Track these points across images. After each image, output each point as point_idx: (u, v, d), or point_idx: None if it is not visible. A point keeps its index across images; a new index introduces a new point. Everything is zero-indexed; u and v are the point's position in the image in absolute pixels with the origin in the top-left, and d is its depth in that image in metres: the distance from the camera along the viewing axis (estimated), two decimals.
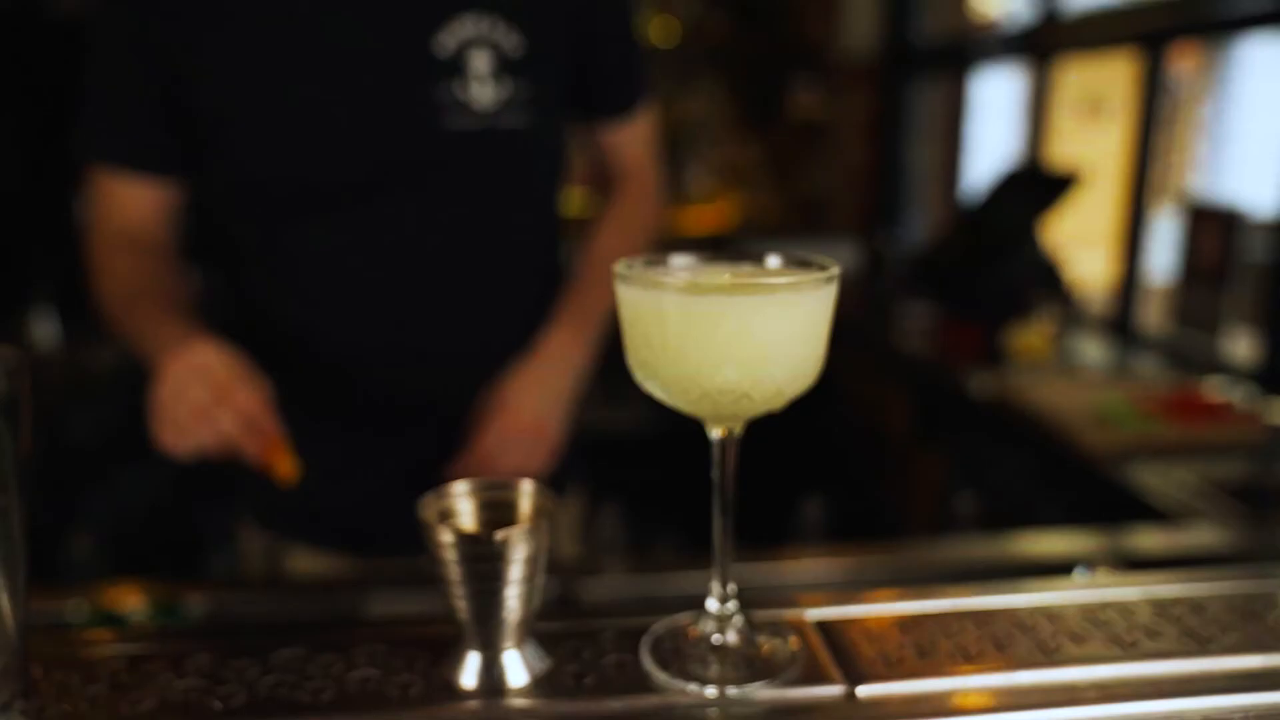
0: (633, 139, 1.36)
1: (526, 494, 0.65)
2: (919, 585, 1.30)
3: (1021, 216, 2.85)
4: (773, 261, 0.64)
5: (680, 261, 0.64)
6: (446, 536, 0.58)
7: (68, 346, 2.82)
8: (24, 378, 0.57)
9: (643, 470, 2.74)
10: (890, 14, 4.31)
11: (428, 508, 0.62)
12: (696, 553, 1.31)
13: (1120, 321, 2.94)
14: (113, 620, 1.21)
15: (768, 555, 1.34)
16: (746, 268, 0.65)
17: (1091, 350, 2.80)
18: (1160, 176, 2.99)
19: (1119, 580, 0.77)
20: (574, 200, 3.08)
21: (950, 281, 3.00)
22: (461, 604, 0.60)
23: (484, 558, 0.59)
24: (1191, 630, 0.68)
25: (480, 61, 1.13)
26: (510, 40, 1.14)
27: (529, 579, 0.61)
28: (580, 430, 1.37)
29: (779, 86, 4.53)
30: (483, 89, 1.13)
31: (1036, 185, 2.93)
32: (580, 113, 1.31)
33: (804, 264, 0.63)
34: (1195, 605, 0.71)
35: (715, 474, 0.63)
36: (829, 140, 4.51)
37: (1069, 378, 2.48)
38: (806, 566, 1.35)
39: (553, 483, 1.22)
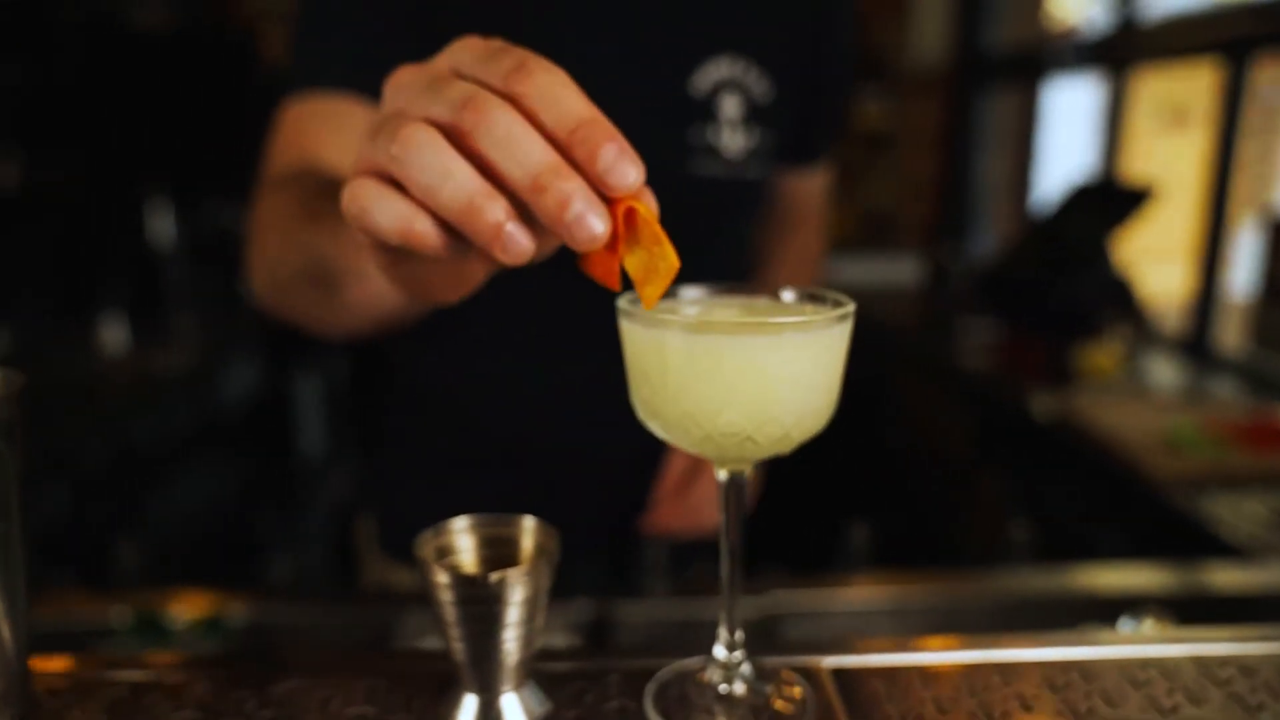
0: (813, 187, 1.32)
1: (529, 531, 0.63)
2: (963, 617, 1.26)
3: (1093, 231, 2.77)
4: (787, 296, 0.61)
5: (691, 295, 0.62)
6: (441, 577, 0.57)
7: (136, 352, 2.89)
8: (22, 401, 0.56)
9: None
10: (962, 22, 4.22)
11: (425, 545, 0.60)
12: (747, 576, 1.28)
13: (1195, 341, 2.82)
14: (155, 628, 1.22)
15: (811, 581, 1.30)
16: (762, 302, 0.63)
17: (1163, 371, 2.69)
18: (1246, 189, 2.87)
19: (1164, 636, 0.72)
20: None
21: (1017, 297, 2.92)
22: (458, 645, 0.59)
23: (480, 600, 0.57)
24: (1239, 696, 0.63)
25: (731, 106, 1.07)
26: (760, 86, 1.08)
27: (528, 620, 0.59)
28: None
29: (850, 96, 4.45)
30: (733, 136, 1.07)
31: (1109, 199, 2.84)
32: (778, 157, 1.24)
33: (819, 299, 0.60)
34: (1246, 668, 0.66)
35: (722, 516, 0.60)
36: (895, 151, 4.43)
37: (1138, 400, 2.38)
38: (850, 594, 1.30)
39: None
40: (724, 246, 1.19)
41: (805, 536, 2.54)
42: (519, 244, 0.47)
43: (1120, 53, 3.32)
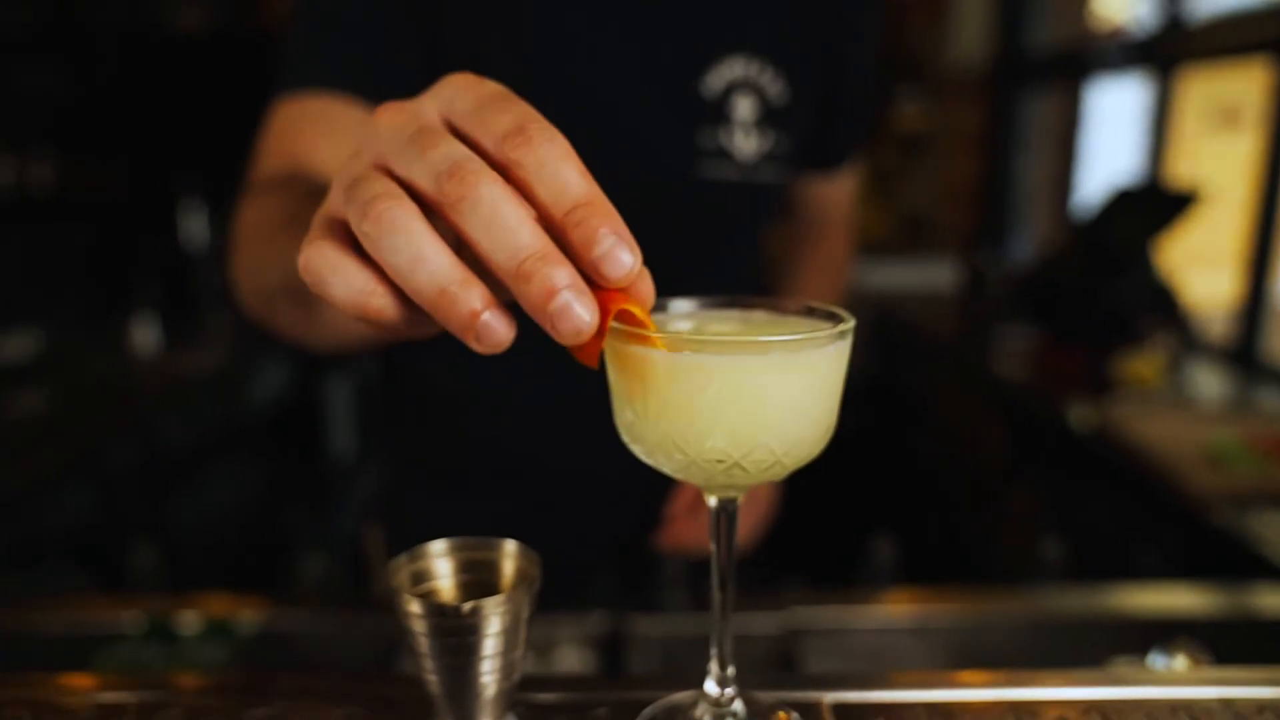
0: (839, 193, 1.29)
1: (509, 555, 0.60)
2: (990, 637, 1.21)
3: (1136, 235, 2.70)
4: (785, 311, 0.57)
5: (682, 308, 0.58)
6: (413, 606, 0.54)
7: (167, 353, 2.91)
8: None
9: None
10: (1003, 22, 4.15)
11: (399, 570, 0.57)
12: (765, 591, 1.24)
13: (1242, 350, 2.73)
14: (166, 634, 1.22)
15: (833, 596, 1.26)
16: (759, 317, 0.59)
17: (1207, 381, 2.60)
18: None
19: (1195, 676, 0.68)
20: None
21: (1056, 303, 2.86)
22: (433, 678, 0.56)
23: (454, 630, 0.54)
24: None
25: (744, 108, 1.04)
26: (775, 87, 1.05)
27: (507, 651, 0.56)
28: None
29: (884, 99, 4.41)
30: (746, 139, 1.04)
31: (1154, 203, 2.77)
32: (799, 163, 1.21)
33: (819, 314, 0.56)
34: None
35: (713, 545, 0.57)
36: (933, 154, 4.36)
37: (1180, 411, 2.30)
38: (873, 611, 1.26)
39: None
40: (735, 252, 1.16)
41: (827, 549, 2.50)
42: (495, 334, 0.44)
43: (1168, 52, 3.23)
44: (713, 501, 0.56)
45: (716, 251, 1.13)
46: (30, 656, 1.16)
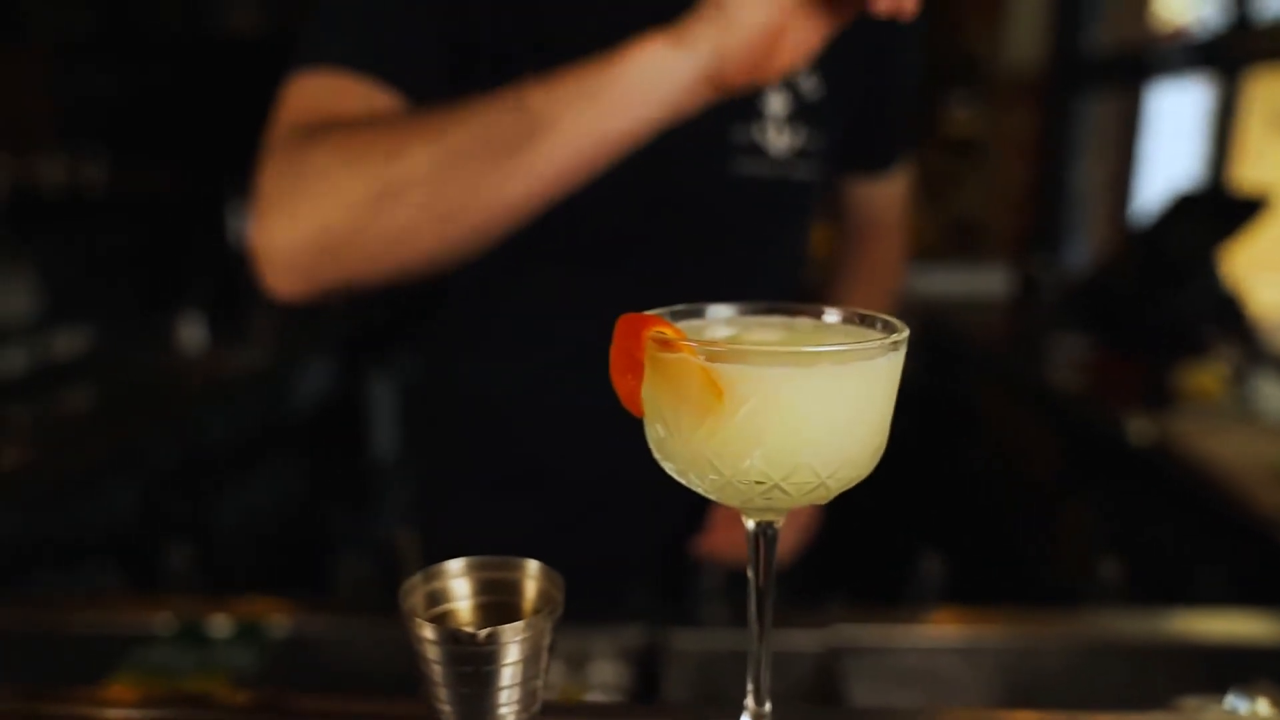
0: (889, 195, 1.27)
1: (532, 576, 0.56)
2: (1043, 661, 1.15)
3: (1199, 243, 2.62)
4: (832, 318, 0.53)
5: (721, 314, 0.54)
6: (425, 631, 0.50)
7: (212, 351, 2.92)
8: None
9: None
10: (1060, 24, 4.06)
11: (413, 591, 0.54)
12: (807, 607, 1.20)
13: None
14: (197, 637, 1.21)
15: (877, 615, 1.21)
16: (804, 324, 0.54)
17: (1274, 394, 2.50)
18: None
19: None
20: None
21: (1113, 311, 2.78)
22: (446, 708, 0.52)
23: (469, 658, 0.50)
24: None
25: (778, 103, 1.03)
26: (809, 83, 1.04)
27: (526, 681, 0.52)
28: None
29: (934, 102, 4.34)
30: (779, 135, 1.04)
31: (1218, 209, 2.68)
32: (840, 165, 1.20)
33: (870, 323, 0.51)
34: None
35: (751, 571, 0.52)
36: (985, 158, 4.29)
37: (1246, 425, 2.21)
38: (919, 631, 1.21)
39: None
40: (773, 254, 1.14)
41: (872, 564, 2.44)
42: None
43: (1233, 54, 3.14)
44: (751, 524, 0.51)
45: (753, 252, 1.11)
46: (63, 657, 1.15)
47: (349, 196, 0.79)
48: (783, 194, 1.07)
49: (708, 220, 1.06)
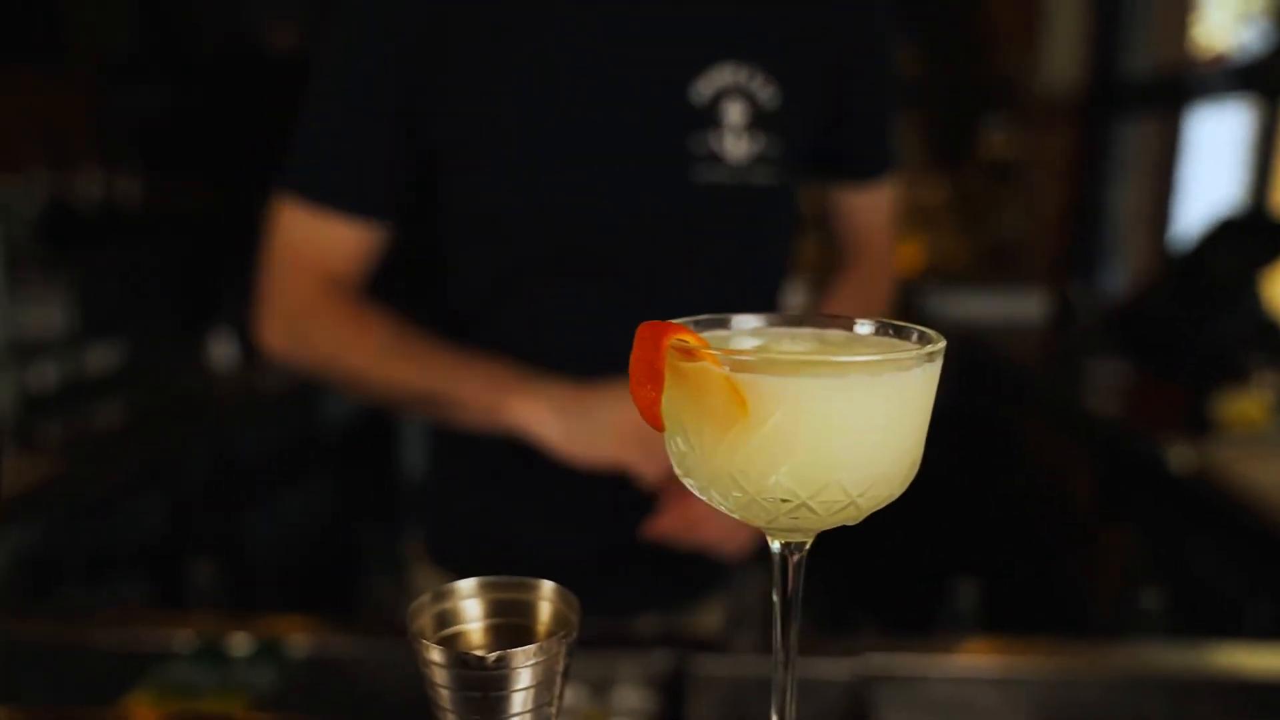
0: (873, 207, 1.27)
1: (546, 597, 0.53)
2: (1083, 694, 1.11)
3: (1239, 268, 2.58)
4: (864, 329, 0.51)
5: (748, 324, 0.52)
6: (433, 654, 0.48)
7: (244, 368, 2.94)
8: None
9: None
10: (1098, 47, 4.02)
11: (421, 612, 0.52)
12: (837, 634, 1.17)
13: None
14: (216, 656, 1.20)
15: (910, 643, 1.18)
16: (836, 335, 0.52)
17: None
18: None
19: None
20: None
21: (1153, 337, 2.74)
22: None
23: (478, 684, 0.48)
24: None
25: (735, 113, 1.06)
26: (766, 92, 1.08)
27: (538, 708, 0.50)
28: None
29: (971, 125, 4.31)
30: (736, 142, 1.07)
31: (1258, 234, 2.64)
32: (823, 174, 1.23)
33: (904, 333, 0.49)
34: None
35: (776, 596, 0.50)
36: (1022, 182, 4.26)
37: None
38: (953, 661, 1.17)
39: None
40: (749, 260, 1.17)
41: (905, 591, 2.39)
42: None
43: (1274, 78, 3.09)
44: (776, 547, 0.49)
45: (729, 260, 1.15)
46: (83, 672, 1.15)
47: (329, 373, 1.17)
48: (745, 199, 1.10)
49: (677, 229, 1.10)
